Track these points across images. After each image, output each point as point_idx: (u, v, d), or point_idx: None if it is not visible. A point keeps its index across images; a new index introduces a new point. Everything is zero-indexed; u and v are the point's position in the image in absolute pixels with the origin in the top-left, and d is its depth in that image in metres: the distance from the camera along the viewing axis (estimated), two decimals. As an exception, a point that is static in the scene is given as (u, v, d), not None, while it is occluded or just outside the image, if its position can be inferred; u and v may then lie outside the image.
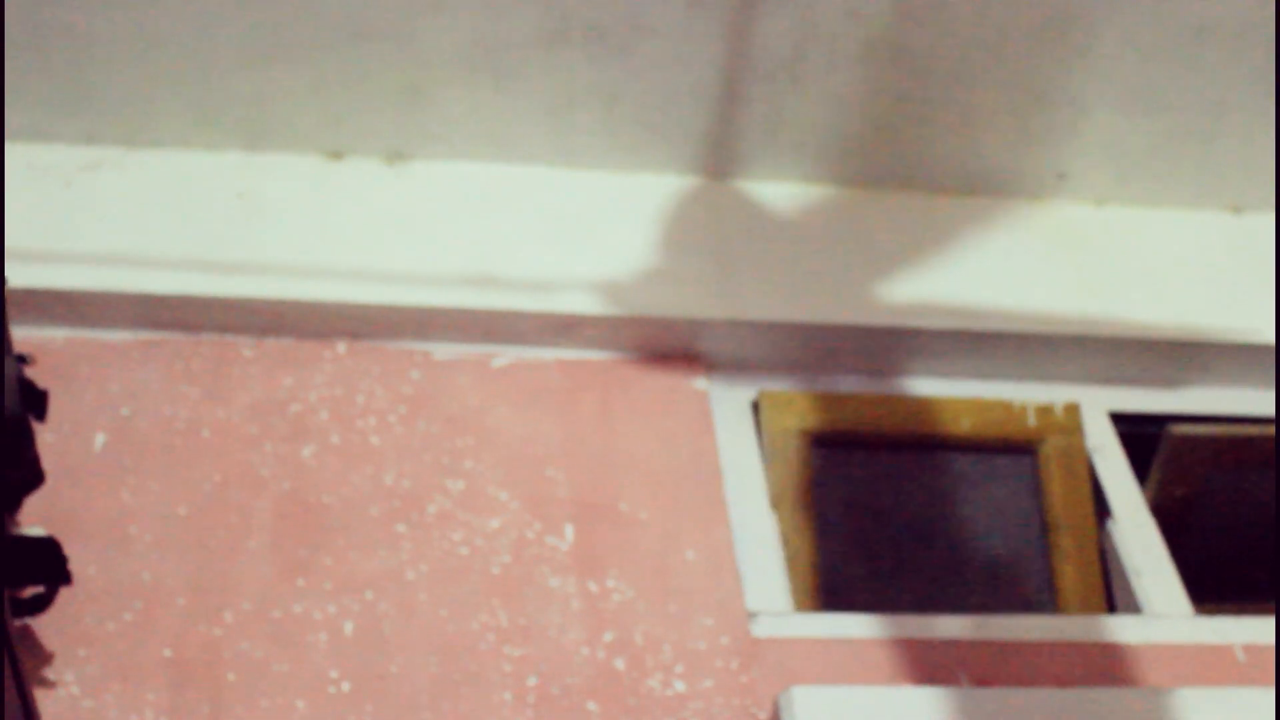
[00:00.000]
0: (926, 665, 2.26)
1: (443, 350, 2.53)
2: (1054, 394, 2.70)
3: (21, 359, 2.12)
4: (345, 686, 2.11)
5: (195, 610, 2.16)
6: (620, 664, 2.20)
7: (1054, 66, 2.67)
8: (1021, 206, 2.86)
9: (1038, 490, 2.63)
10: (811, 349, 2.61)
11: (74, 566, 2.09)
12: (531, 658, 2.18)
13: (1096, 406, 2.72)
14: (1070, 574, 2.55)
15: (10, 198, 2.51)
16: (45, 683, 2.05)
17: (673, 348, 2.58)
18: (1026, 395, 2.69)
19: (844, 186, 2.82)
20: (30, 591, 2.04)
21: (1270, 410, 2.76)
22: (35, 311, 2.41)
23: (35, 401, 2.11)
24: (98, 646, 2.10)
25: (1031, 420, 2.65)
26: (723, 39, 2.58)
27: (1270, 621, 2.38)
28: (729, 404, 2.59)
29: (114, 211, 2.55)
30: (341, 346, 2.51)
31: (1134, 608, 2.50)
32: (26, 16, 2.47)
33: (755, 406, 2.60)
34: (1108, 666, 2.30)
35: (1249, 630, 2.37)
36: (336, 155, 2.71)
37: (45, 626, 2.09)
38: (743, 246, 2.68)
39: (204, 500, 2.28)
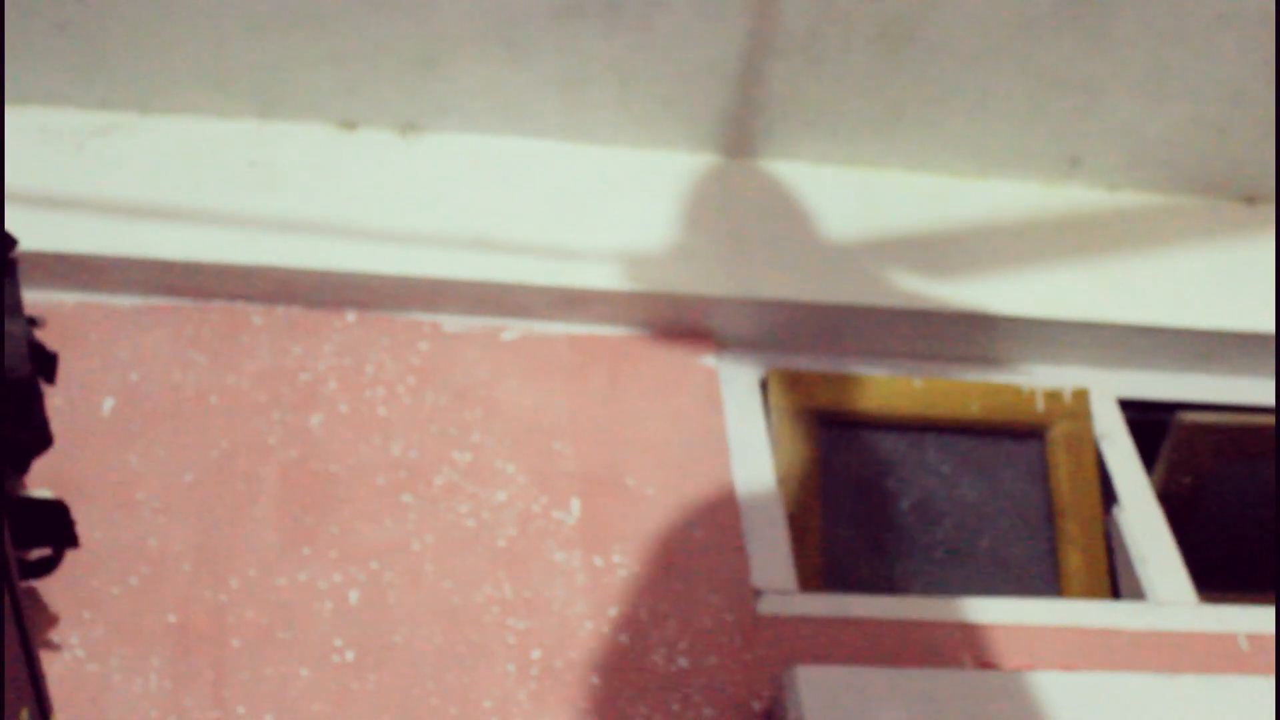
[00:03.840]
0: (930, 647, 2.26)
1: (452, 322, 2.53)
2: (1063, 379, 2.70)
3: (32, 321, 2.11)
4: (349, 655, 2.12)
5: (200, 576, 2.16)
6: (624, 639, 2.20)
7: (1070, 51, 2.66)
8: (1034, 191, 2.85)
9: (1045, 475, 2.63)
10: (821, 329, 2.61)
11: (81, 530, 2.09)
12: (536, 631, 2.18)
13: (1105, 392, 2.71)
14: (1075, 559, 2.55)
15: (22, 161, 2.51)
16: (50, 645, 2.05)
17: (683, 324, 2.58)
18: (1035, 380, 2.69)
19: (857, 167, 2.81)
20: (37, 554, 2.05)
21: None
22: (46, 275, 2.41)
23: (45, 364, 2.11)
24: (103, 610, 2.11)
25: (1040, 405, 2.65)
26: (739, 16, 2.57)
27: (1274, 611, 2.38)
28: (738, 382, 2.59)
29: (126, 177, 2.54)
30: (351, 316, 2.51)
31: (1138, 594, 2.51)
32: (42, -21, 2.46)
33: (764, 385, 2.60)
34: (1111, 652, 2.31)
35: (1253, 619, 2.37)
36: (349, 125, 2.70)
37: (51, 589, 2.10)
38: (755, 225, 2.68)
39: (211, 467, 2.28)
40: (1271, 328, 2.69)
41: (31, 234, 2.36)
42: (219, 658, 2.09)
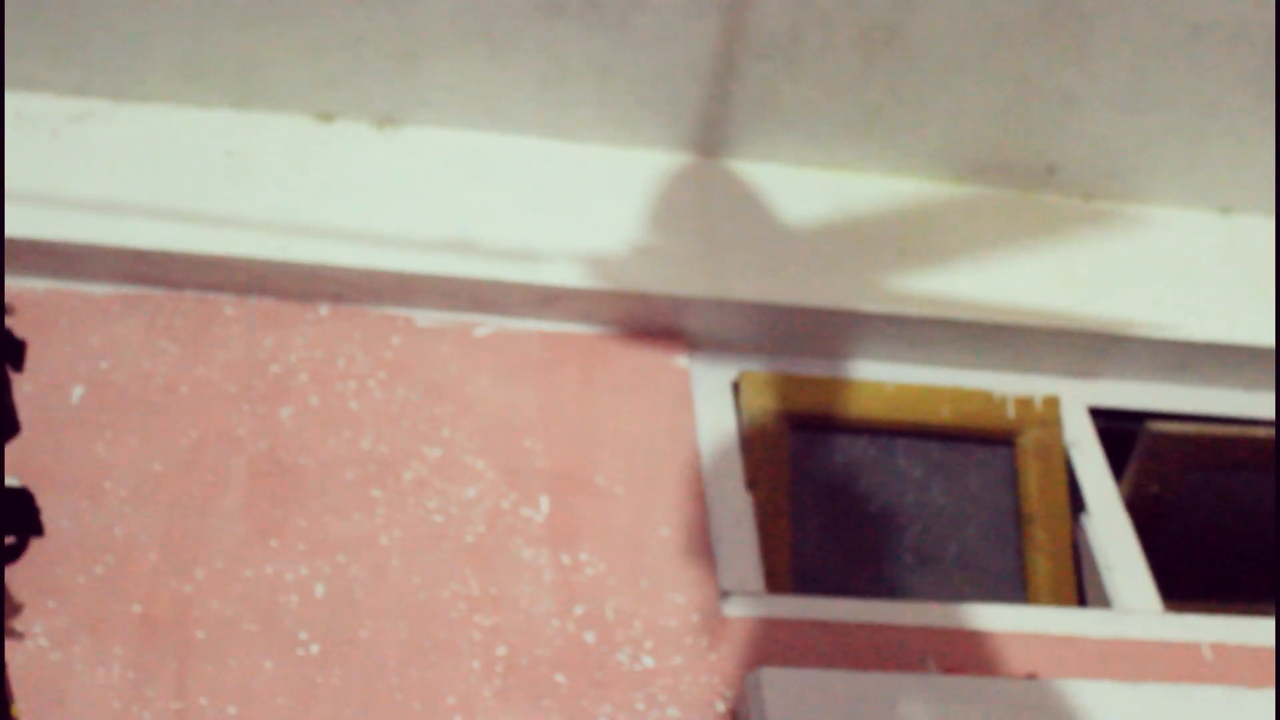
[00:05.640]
0: (895, 651, 2.26)
1: (425, 317, 2.53)
2: (1034, 386, 2.71)
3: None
4: (314, 649, 2.11)
5: (167, 567, 2.16)
6: (590, 637, 2.20)
7: (1048, 59, 2.67)
8: (1010, 197, 2.86)
9: (1014, 481, 2.64)
10: (794, 331, 2.61)
11: (46, 518, 2.08)
12: (501, 628, 2.18)
13: (1076, 400, 2.72)
14: (1043, 566, 2.56)
15: (-4, 146, 2.50)
16: (13, 634, 2.04)
17: (655, 324, 2.58)
18: (1006, 386, 2.69)
19: (834, 169, 2.82)
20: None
21: (1248, 410, 2.77)
22: (17, 261, 2.40)
23: (13, 351, 2.10)
24: (67, 599, 2.10)
25: (1010, 412, 2.66)
26: (719, 17, 2.57)
27: (1238, 621, 2.39)
28: (709, 383, 2.59)
29: (101, 164, 2.54)
30: (324, 309, 2.50)
31: (1104, 602, 2.51)
32: (20, -36, 2.46)
33: (736, 386, 2.60)
34: (1076, 659, 2.31)
35: (1217, 629, 2.38)
36: (327, 117, 2.70)
37: (15, 577, 2.09)
38: (731, 226, 2.68)
39: (180, 457, 2.28)
40: (1243, 339, 2.70)
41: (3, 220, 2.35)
42: (183, 649, 2.08)
